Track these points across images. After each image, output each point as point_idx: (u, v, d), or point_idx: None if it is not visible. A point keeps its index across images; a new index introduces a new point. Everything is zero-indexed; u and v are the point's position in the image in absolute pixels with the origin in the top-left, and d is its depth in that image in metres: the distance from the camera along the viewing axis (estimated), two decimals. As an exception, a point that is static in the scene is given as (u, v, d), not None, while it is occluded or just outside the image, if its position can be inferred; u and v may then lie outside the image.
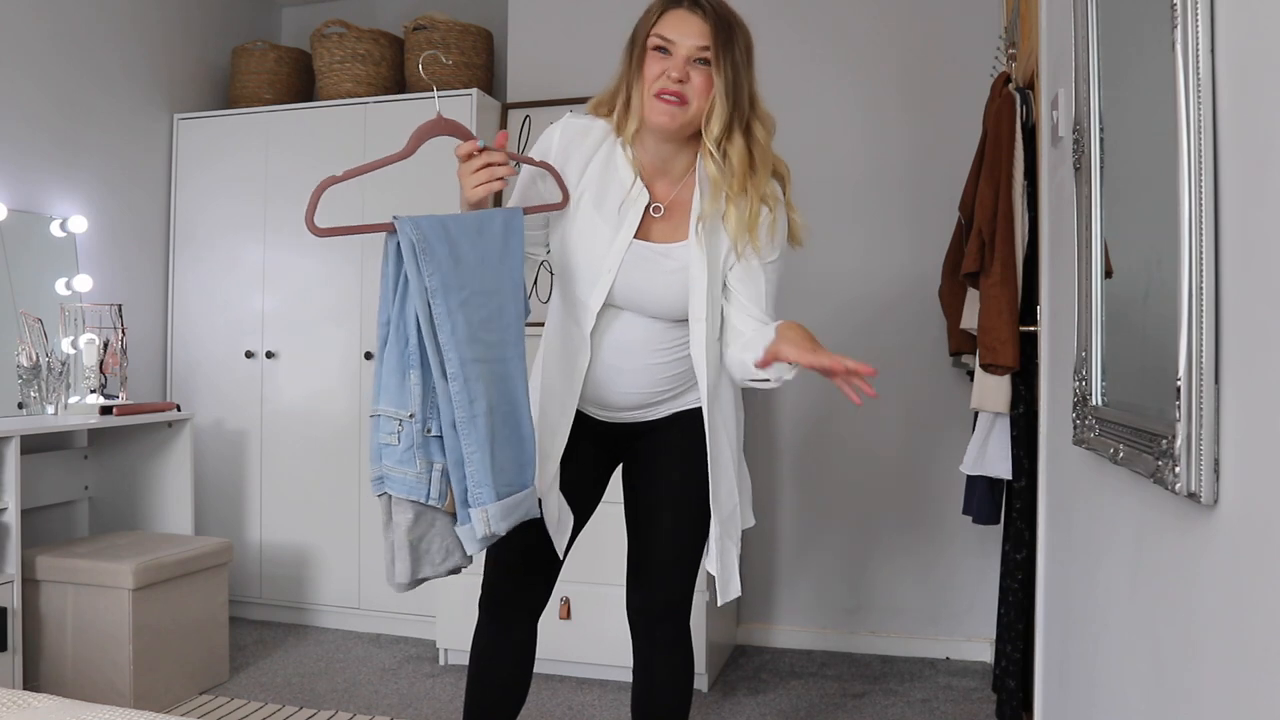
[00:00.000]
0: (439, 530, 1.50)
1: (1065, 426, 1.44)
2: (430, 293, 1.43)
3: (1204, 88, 0.84)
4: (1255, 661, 0.76)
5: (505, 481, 1.47)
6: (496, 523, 1.45)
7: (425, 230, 1.46)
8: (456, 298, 1.45)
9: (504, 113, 3.57)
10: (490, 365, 1.47)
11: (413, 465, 1.46)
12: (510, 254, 1.53)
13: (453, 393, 1.43)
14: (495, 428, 1.47)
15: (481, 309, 1.47)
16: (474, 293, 1.47)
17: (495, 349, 1.48)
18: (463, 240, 1.48)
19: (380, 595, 3.40)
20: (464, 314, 1.45)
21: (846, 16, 3.30)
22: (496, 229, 1.53)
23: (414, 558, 1.48)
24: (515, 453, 1.50)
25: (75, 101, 3.22)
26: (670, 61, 1.50)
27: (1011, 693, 2.29)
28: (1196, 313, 0.84)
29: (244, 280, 3.57)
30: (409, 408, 1.45)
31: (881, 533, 3.28)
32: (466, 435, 1.44)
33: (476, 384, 1.45)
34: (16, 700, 1.37)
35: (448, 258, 1.45)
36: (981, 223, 2.20)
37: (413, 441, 1.45)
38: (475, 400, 1.44)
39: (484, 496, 1.44)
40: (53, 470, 2.99)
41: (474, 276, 1.48)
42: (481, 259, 1.49)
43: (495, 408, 1.47)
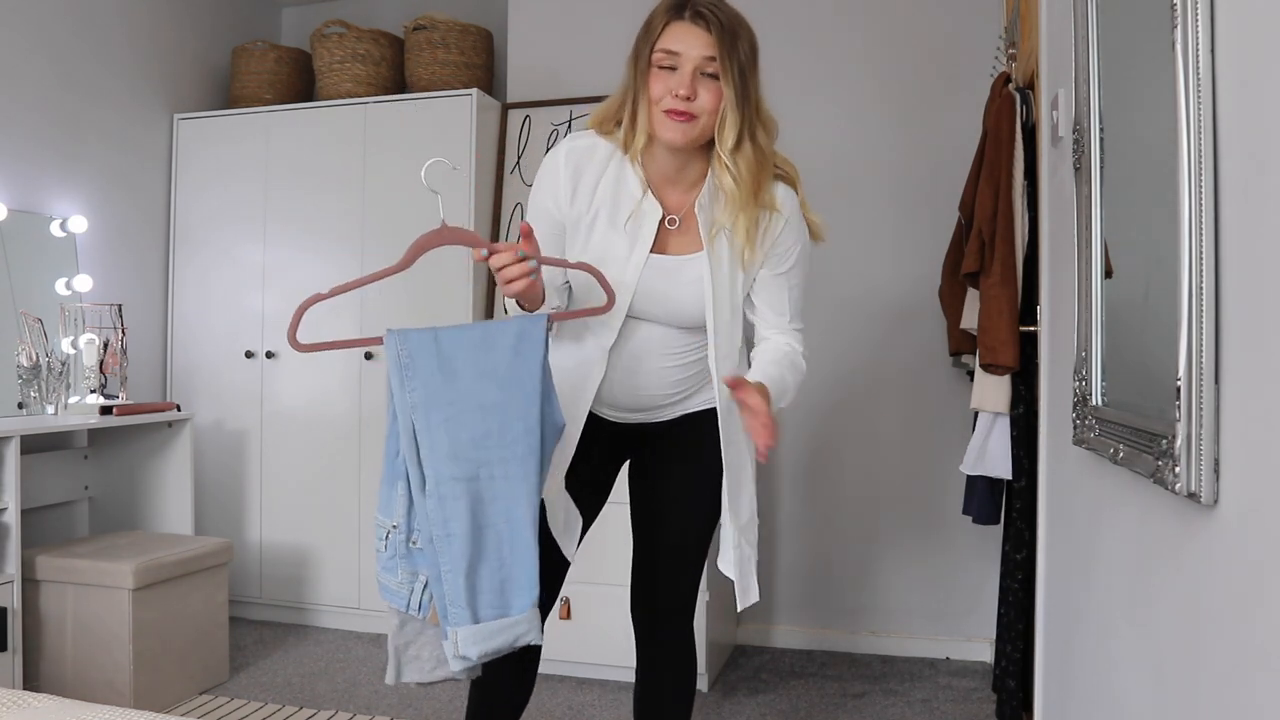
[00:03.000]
0: (428, 639, 1.49)
1: (1065, 426, 1.44)
2: (412, 408, 1.41)
3: (1204, 88, 0.84)
4: (1256, 661, 0.76)
5: (487, 604, 1.43)
6: (467, 646, 1.41)
7: (412, 345, 1.44)
8: (440, 414, 1.41)
9: (504, 113, 3.57)
10: (477, 484, 1.42)
11: (394, 574, 1.47)
12: (522, 367, 1.45)
13: (429, 509, 1.41)
14: (477, 549, 1.42)
15: (473, 426, 1.42)
16: (465, 409, 1.42)
17: (487, 467, 1.42)
18: (458, 355, 1.44)
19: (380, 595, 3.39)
20: (447, 430, 1.41)
21: (846, 16, 3.30)
22: (507, 341, 1.45)
23: (399, 662, 1.50)
24: (500, 576, 1.44)
25: (75, 101, 3.22)
26: (676, 78, 1.47)
27: (1011, 693, 2.29)
28: (1196, 313, 0.84)
29: (244, 280, 3.57)
30: (394, 518, 1.45)
31: (882, 533, 3.28)
32: (442, 553, 1.41)
33: (454, 503, 1.41)
34: (16, 700, 1.36)
35: (435, 373, 1.43)
36: (981, 223, 2.20)
37: (396, 551, 1.45)
38: (450, 519, 1.41)
39: (458, 618, 1.41)
40: (53, 470, 2.99)
41: (469, 392, 1.43)
42: (482, 374, 1.44)
43: (480, 528, 1.43)
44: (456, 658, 1.42)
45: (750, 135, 1.50)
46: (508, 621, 1.44)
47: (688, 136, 1.49)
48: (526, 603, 1.44)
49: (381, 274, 1.53)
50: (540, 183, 1.62)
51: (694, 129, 1.49)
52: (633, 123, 1.53)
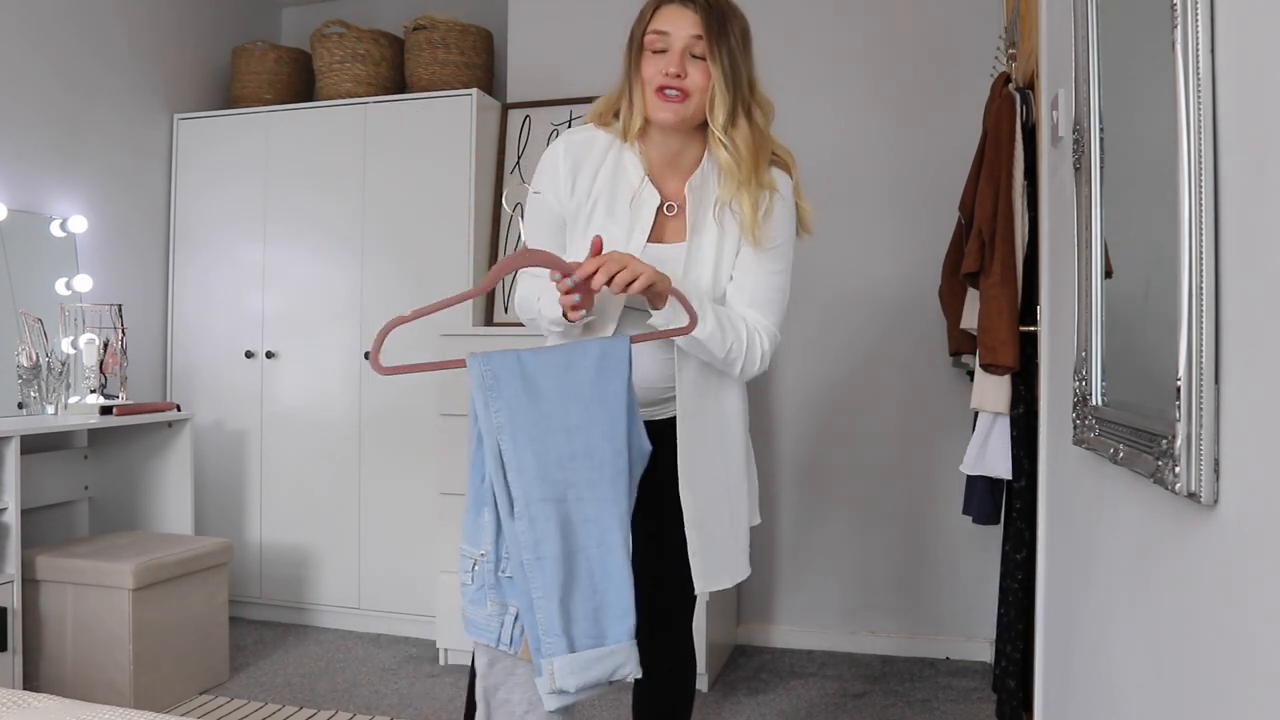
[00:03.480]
0: (519, 680, 1.43)
1: (1065, 426, 1.44)
2: (498, 429, 1.39)
3: (1204, 88, 0.84)
4: (1255, 660, 0.76)
5: (582, 632, 1.38)
6: (564, 678, 1.35)
7: (495, 366, 1.42)
8: (526, 435, 1.39)
9: (504, 113, 3.57)
10: (568, 505, 1.39)
11: (483, 607, 1.42)
12: (606, 388, 1.43)
13: (519, 532, 1.37)
14: (570, 573, 1.38)
15: (559, 447, 1.40)
16: (551, 430, 1.40)
17: (575, 489, 1.40)
18: (542, 376, 1.42)
19: (380, 595, 3.40)
20: (534, 451, 1.39)
21: (846, 16, 3.30)
22: (589, 362, 1.44)
23: (489, 706, 1.44)
24: (594, 603, 1.39)
25: (75, 101, 3.22)
26: (667, 58, 1.52)
27: (1011, 693, 2.29)
28: (1196, 313, 0.84)
29: (244, 280, 3.57)
30: (481, 546, 1.42)
31: (881, 533, 3.28)
32: (533, 578, 1.36)
33: (545, 524, 1.37)
34: (16, 700, 1.36)
35: (520, 393, 1.41)
36: (981, 223, 2.20)
37: (484, 582, 1.42)
38: (541, 541, 1.37)
39: (554, 647, 1.36)
40: (53, 470, 2.99)
41: (554, 413, 1.41)
42: (566, 395, 1.42)
43: (571, 552, 1.39)
44: (553, 693, 1.36)
45: (745, 113, 1.53)
46: (604, 651, 1.39)
47: (680, 115, 1.53)
48: (623, 631, 1.40)
49: (462, 297, 1.55)
50: (540, 176, 1.65)
51: (686, 108, 1.53)
52: (630, 106, 1.58)
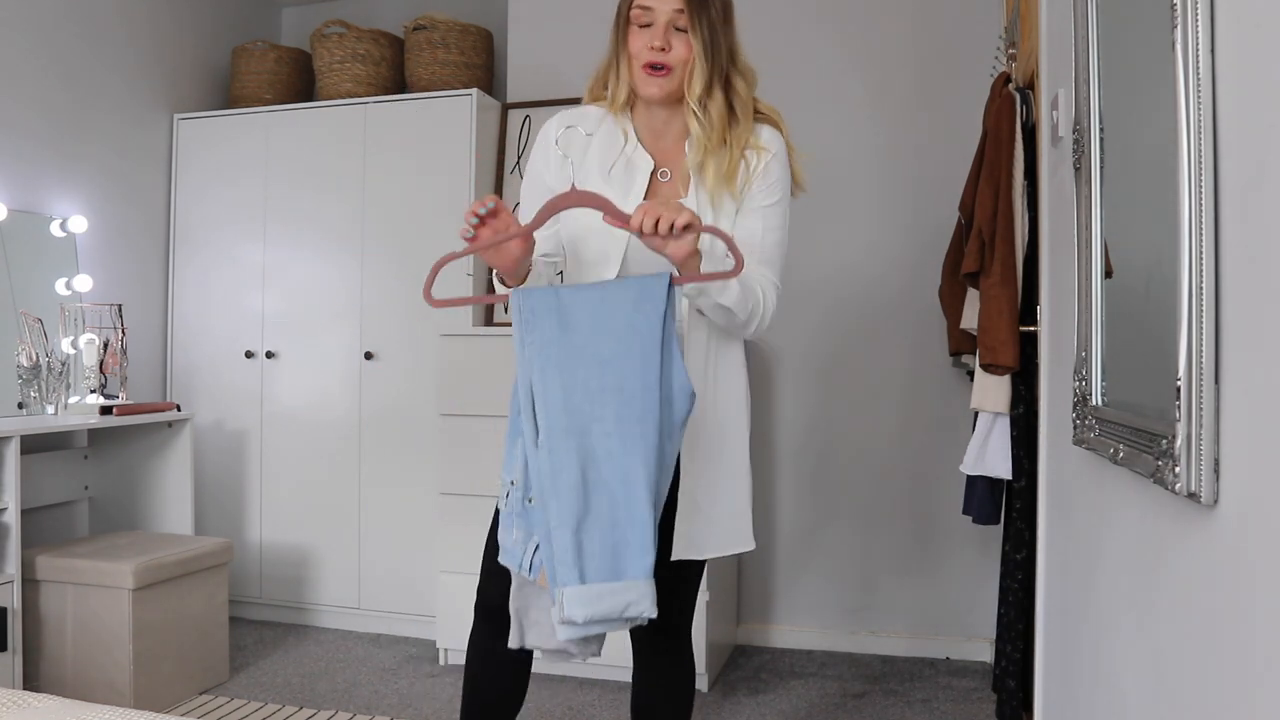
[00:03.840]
0: (546, 605, 1.45)
1: (1065, 426, 1.44)
2: (530, 361, 1.42)
3: (1204, 88, 0.84)
4: (1256, 661, 0.76)
5: (595, 567, 1.38)
6: (573, 608, 1.35)
7: (534, 300, 1.45)
8: (555, 366, 1.41)
9: (504, 113, 3.57)
10: (589, 439, 1.40)
11: (510, 533, 1.46)
12: (641, 322, 1.42)
13: (540, 462, 1.39)
14: (586, 506, 1.38)
15: (588, 380, 1.41)
16: (581, 362, 1.41)
17: (601, 423, 1.40)
18: (577, 309, 1.44)
19: (380, 595, 3.40)
20: (561, 383, 1.40)
21: (846, 17, 3.30)
22: (627, 297, 1.44)
23: (520, 625, 1.49)
24: (612, 539, 1.39)
25: (75, 102, 3.22)
26: (652, 32, 1.58)
27: (1011, 693, 2.29)
28: (1196, 313, 0.84)
29: (244, 280, 3.57)
30: (513, 474, 1.46)
31: (881, 533, 3.28)
32: (549, 508, 1.38)
33: (564, 456, 1.38)
34: (16, 700, 1.37)
35: (554, 326, 1.42)
36: (981, 223, 2.20)
37: (513, 509, 1.45)
38: (560, 472, 1.38)
39: (565, 577, 1.37)
40: (53, 470, 2.99)
41: (586, 345, 1.42)
42: (599, 328, 1.43)
43: (590, 485, 1.39)
44: (563, 623, 1.37)
45: (722, 84, 1.60)
46: (618, 586, 1.38)
47: (664, 90, 1.60)
48: (640, 569, 1.39)
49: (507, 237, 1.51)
50: (534, 156, 1.72)
51: (670, 82, 1.59)
52: (617, 79, 1.65)
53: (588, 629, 1.39)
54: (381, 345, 3.42)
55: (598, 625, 1.39)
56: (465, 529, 2.89)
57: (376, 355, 3.41)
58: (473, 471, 2.95)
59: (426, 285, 1.49)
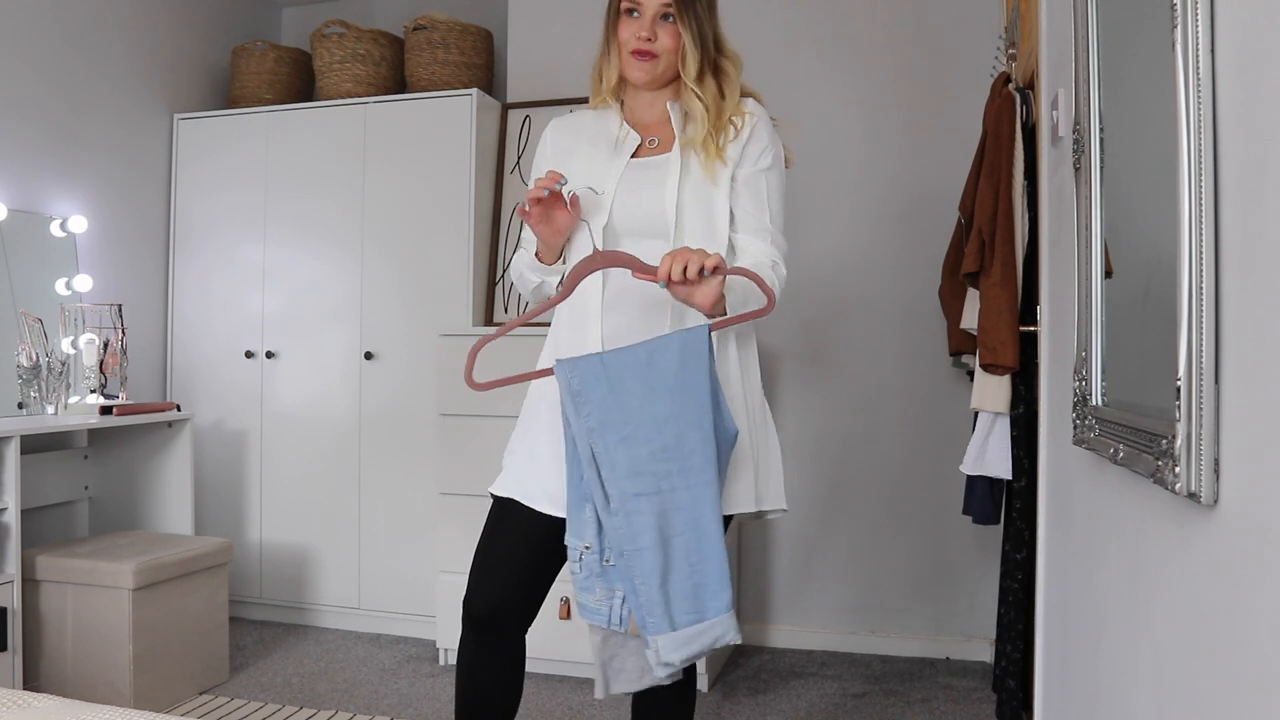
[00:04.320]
0: (631, 651, 1.57)
1: (1065, 426, 1.44)
2: (589, 432, 1.48)
3: (1204, 88, 0.84)
4: (1256, 661, 0.76)
5: (682, 611, 1.49)
6: (668, 653, 1.48)
7: (582, 371, 1.50)
8: (616, 434, 1.47)
9: (504, 113, 3.57)
10: (661, 497, 1.48)
11: (592, 593, 1.54)
12: (690, 377, 1.49)
13: (616, 526, 1.48)
14: (667, 559, 1.48)
15: (650, 441, 1.48)
16: (640, 426, 1.48)
17: (669, 479, 1.48)
18: (626, 375, 1.49)
19: (380, 595, 3.40)
20: (625, 450, 1.47)
21: (846, 16, 3.30)
22: (672, 354, 1.50)
23: (607, 675, 1.58)
24: (692, 582, 1.50)
25: (76, 101, 3.22)
26: (639, 22, 1.66)
27: (1011, 693, 2.29)
28: (1196, 313, 0.84)
29: (244, 280, 3.57)
30: (585, 539, 1.52)
31: (881, 533, 3.28)
32: (633, 567, 1.48)
33: (640, 518, 1.47)
34: (16, 700, 1.37)
35: (606, 395, 1.48)
36: (981, 223, 2.20)
37: (591, 571, 1.53)
38: (639, 534, 1.47)
39: (657, 627, 1.48)
40: (53, 470, 2.99)
41: (642, 409, 1.48)
42: (651, 389, 1.49)
43: (667, 539, 1.49)
44: (660, 664, 1.49)
45: (711, 67, 1.68)
46: (704, 625, 1.50)
47: (651, 74, 1.68)
48: (721, 605, 1.50)
49: (544, 307, 1.65)
50: (536, 157, 1.81)
51: (656, 67, 1.68)
52: (608, 65, 1.73)
53: (684, 664, 1.51)
54: (381, 345, 3.42)
55: (691, 660, 1.52)
56: (465, 529, 2.89)
57: (376, 355, 3.41)
58: (473, 471, 2.95)
59: (467, 371, 1.55)
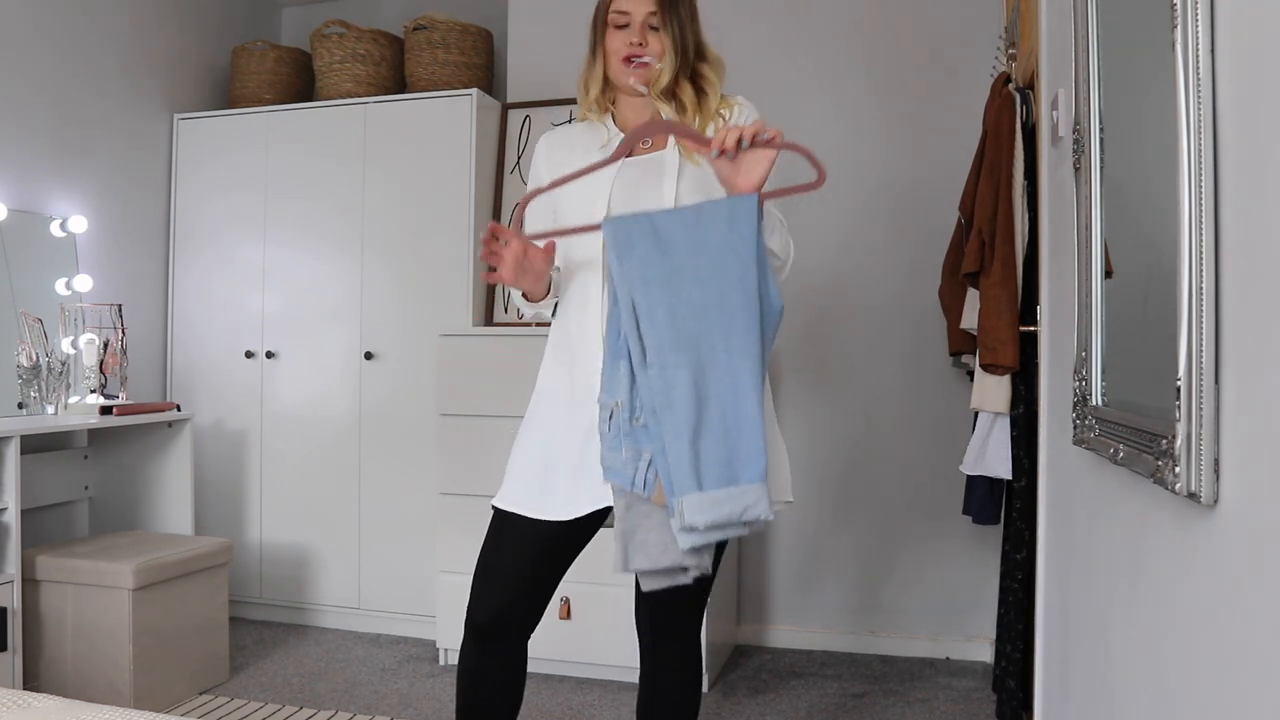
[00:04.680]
0: (655, 524, 1.48)
1: (1065, 426, 1.44)
2: (631, 284, 1.47)
3: (1204, 88, 0.84)
4: (1255, 661, 0.76)
5: (712, 475, 1.43)
6: (693, 515, 1.41)
7: (629, 226, 1.50)
8: (659, 287, 1.46)
9: (504, 113, 3.57)
10: (699, 355, 1.45)
11: (619, 453, 1.49)
12: (737, 239, 1.47)
13: (651, 380, 1.44)
14: (701, 418, 1.44)
15: (692, 298, 1.46)
16: (682, 282, 1.47)
17: (708, 338, 1.46)
18: (673, 231, 1.49)
19: (380, 595, 3.40)
20: (666, 303, 1.46)
21: (846, 17, 3.30)
22: (721, 215, 1.50)
23: (627, 547, 1.49)
24: (725, 447, 1.44)
25: (75, 102, 3.22)
26: (629, 32, 1.71)
27: (1011, 693, 2.29)
28: (1196, 313, 0.84)
29: (244, 280, 3.57)
30: (617, 396, 1.49)
31: (881, 533, 3.28)
32: (664, 422, 1.43)
33: (675, 371, 1.44)
34: (16, 700, 1.37)
35: (652, 249, 1.48)
36: (981, 222, 2.21)
37: (620, 430, 1.49)
38: (672, 388, 1.44)
39: (684, 486, 1.42)
40: (53, 470, 2.99)
41: (685, 265, 1.47)
42: (697, 247, 1.48)
43: (703, 398, 1.45)
44: (683, 530, 1.42)
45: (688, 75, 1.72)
46: (735, 490, 1.43)
47: (644, 79, 1.72)
48: (754, 475, 1.44)
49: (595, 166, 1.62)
50: (532, 171, 1.83)
51: (648, 72, 1.72)
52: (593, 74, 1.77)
53: (708, 535, 1.44)
54: (381, 345, 3.42)
55: (717, 531, 1.44)
56: (465, 529, 2.89)
57: (376, 355, 3.41)
58: (473, 471, 2.95)
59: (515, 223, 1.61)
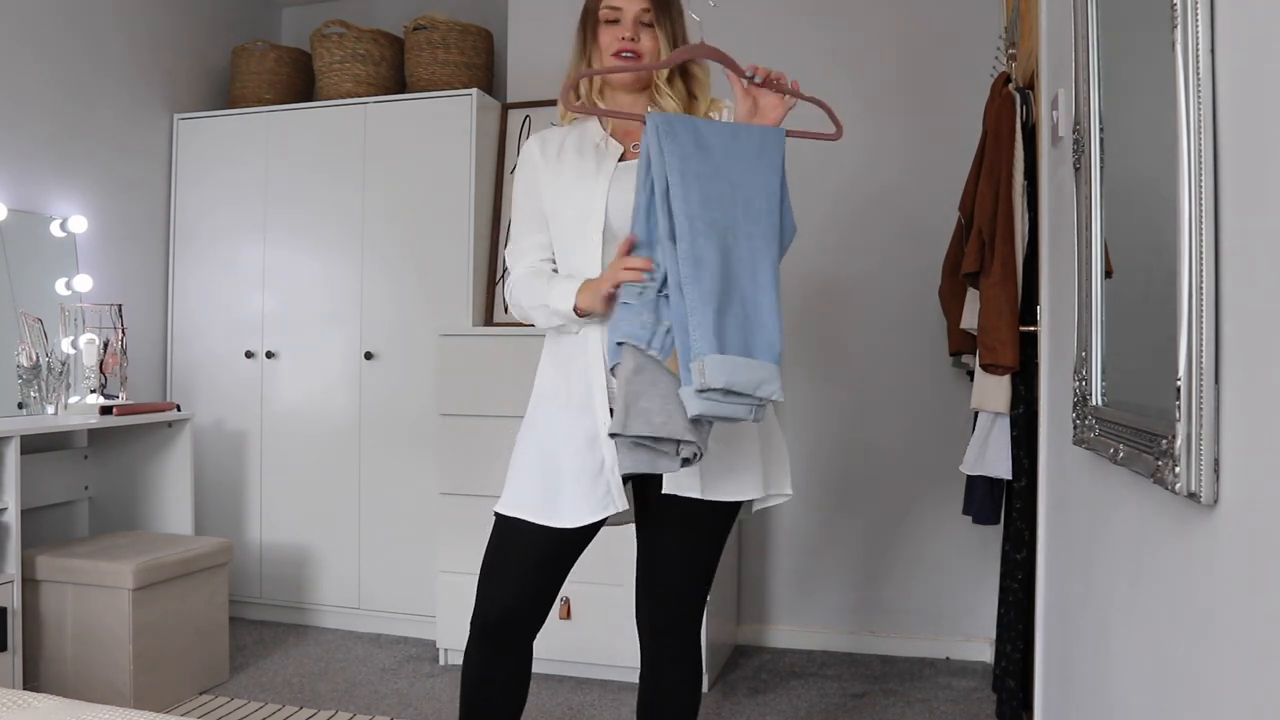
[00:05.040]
0: (661, 392, 1.50)
1: (1065, 426, 1.44)
2: (669, 168, 1.52)
3: (1204, 88, 0.84)
4: (1256, 661, 0.76)
5: (732, 342, 1.48)
6: (714, 374, 1.43)
7: (673, 120, 1.56)
8: (695, 173, 1.52)
9: (504, 113, 3.57)
10: (725, 240, 1.51)
11: (639, 317, 1.52)
12: (764, 160, 1.57)
13: (679, 251, 1.48)
14: (725, 293, 1.49)
15: (722, 193, 1.53)
16: (716, 178, 1.53)
17: (733, 231, 1.52)
18: (711, 135, 1.56)
19: (380, 595, 3.40)
20: (700, 186, 1.51)
21: (846, 16, 3.30)
22: (753, 141, 1.59)
23: (628, 410, 1.49)
24: (745, 328, 1.50)
25: (76, 102, 3.22)
26: (620, 27, 1.72)
27: (1011, 693, 2.29)
28: (1196, 313, 0.84)
29: (244, 280, 3.57)
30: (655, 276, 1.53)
31: (881, 533, 3.28)
32: (690, 290, 1.47)
33: (706, 243, 1.49)
34: (16, 700, 1.37)
35: (692, 143, 1.54)
36: (981, 223, 2.21)
37: (646, 302, 1.53)
38: (702, 257, 1.48)
39: (703, 348, 1.45)
40: (53, 470, 2.99)
41: (720, 166, 1.54)
42: (731, 155, 1.56)
43: (725, 276, 1.50)
44: (700, 392, 1.44)
45: (681, 70, 1.76)
46: (754, 362, 1.48)
47: (635, 75, 1.73)
48: (770, 356, 1.50)
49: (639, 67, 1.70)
50: (520, 170, 1.82)
51: None
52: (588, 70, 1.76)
53: (722, 405, 1.46)
54: (381, 345, 3.42)
55: (732, 400, 1.46)
56: (465, 529, 2.89)
57: (376, 355, 3.41)
58: (473, 471, 2.95)
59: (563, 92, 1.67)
